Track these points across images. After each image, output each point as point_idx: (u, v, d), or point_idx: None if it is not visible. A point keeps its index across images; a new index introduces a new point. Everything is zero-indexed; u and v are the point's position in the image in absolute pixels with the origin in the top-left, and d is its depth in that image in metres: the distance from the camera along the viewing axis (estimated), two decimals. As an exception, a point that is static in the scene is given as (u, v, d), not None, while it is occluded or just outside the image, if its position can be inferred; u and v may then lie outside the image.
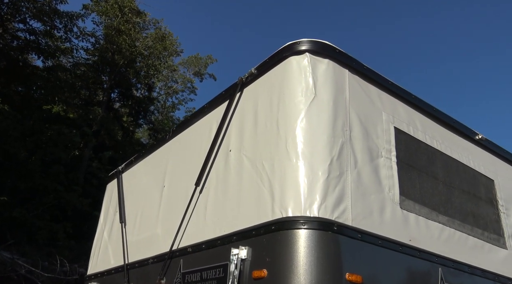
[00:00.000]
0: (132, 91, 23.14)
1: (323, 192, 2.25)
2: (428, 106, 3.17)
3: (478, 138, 3.46)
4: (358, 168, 2.47)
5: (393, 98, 2.95)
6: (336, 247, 2.17)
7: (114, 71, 20.27)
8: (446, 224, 2.82)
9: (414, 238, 2.57)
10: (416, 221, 2.64)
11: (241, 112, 2.94)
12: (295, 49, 2.63)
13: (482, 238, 3.03)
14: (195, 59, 28.74)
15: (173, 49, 24.74)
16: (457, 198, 3.04)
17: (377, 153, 2.64)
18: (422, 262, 2.53)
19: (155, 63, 22.52)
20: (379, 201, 2.49)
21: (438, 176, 2.98)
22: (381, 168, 2.61)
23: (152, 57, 22.28)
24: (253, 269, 2.24)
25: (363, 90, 2.76)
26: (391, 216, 2.51)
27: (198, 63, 28.84)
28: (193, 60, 28.78)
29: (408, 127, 2.94)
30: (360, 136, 2.58)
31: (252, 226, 2.40)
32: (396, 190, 2.62)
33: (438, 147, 3.09)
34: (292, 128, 2.44)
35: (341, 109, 2.54)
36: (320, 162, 2.33)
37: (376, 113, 2.77)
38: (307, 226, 2.16)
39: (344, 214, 2.28)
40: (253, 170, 2.60)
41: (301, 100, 2.49)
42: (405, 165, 2.78)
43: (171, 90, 28.89)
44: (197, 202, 3.01)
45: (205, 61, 28.47)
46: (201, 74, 28.42)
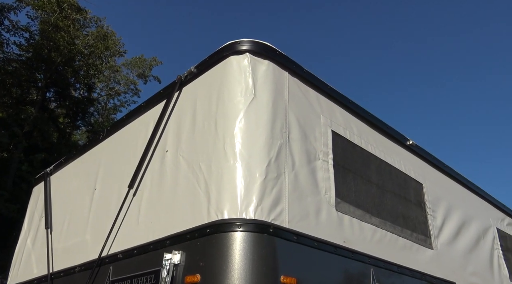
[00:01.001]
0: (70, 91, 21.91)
1: (260, 194, 2.22)
2: (364, 111, 3.27)
3: (409, 144, 3.64)
4: (295, 170, 2.47)
5: (331, 102, 3.00)
6: (272, 249, 2.14)
7: (50, 69, 19.07)
8: (378, 225, 2.91)
9: (348, 240, 2.62)
10: (350, 223, 2.70)
11: (179, 111, 2.84)
12: (235, 48, 2.59)
13: (411, 239, 3.17)
14: (139, 60, 27.83)
15: (116, 49, 23.80)
16: (389, 200, 3.15)
17: (315, 155, 2.67)
18: (355, 263, 2.57)
19: (96, 63, 21.52)
20: (315, 203, 2.51)
21: (372, 179, 3.08)
22: (318, 171, 2.64)
23: (92, 57, 21.28)
24: (186, 274, 2.15)
25: (302, 93, 2.79)
26: (326, 218, 2.53)
27: (143, 64, 27.95)
28: (137, 62, 27.85)
29: (345, 130, 3.00)
30: (298, 138, 2.59)
31: (187, 229, 2.30)
32: (332, 192, 2.66)
33: (373, 151, 3.20)
34: (231, 129, 2.38)
35: (280, 111, 2.53)
36: (258, 163, 2.29)
37: (314, 116, 2.80)
38: (242, 228, 2.11)
39: (281, 216, 2.26)
40: (189, 171, 2.51)
41: (240, 101, 2.45)
42: (341, 168, 2.84)
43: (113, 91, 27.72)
44: (130, 205, 2.84)
45: (149, 63, 27.67)
46: (145, 76, 27.55)
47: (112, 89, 27.72)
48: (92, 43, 21.02)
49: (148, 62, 27.90)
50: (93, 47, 20.94)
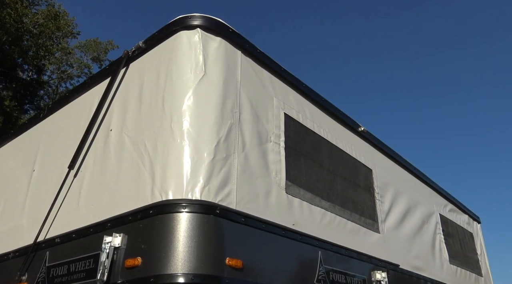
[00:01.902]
0: (18, 72, 20.55)
1: (208, 174, 2.14)
2: (317, 96, 3.27)
3: (361, 130, 3.70)
4: (245, 151, 2.41)
5: (284, 85, 2.97)
6: (218, 231, 2.07)
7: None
8: (328, 209, 2.93)
9: (298, 223, 2.61)
10: (300, 206, 2.69)
11: (125, 88, 2.69)
12: (186, 23, 2.47)
13: (359, 223, 3.23)
14: (94, 43, 26.51)
15: (68, 30, 22.53)
16: (339, 185, 3.19)
17: (266, 137, 2.62)
18: (303, 246, 2.57)
19: (46, 44, 20.27)
20: (265, 185, 2.47)
21: (323, 164, 3.09)
22: (269, 153, 2.60)
23: (43, 37, 20.00)
24: (127, 257, 2.04)
25: (256, 73, 2.72)
26: (276, 201, 2.51)
27: (98, 48, 26.66)
28: (91, 44, 26.51)
29: (297, 114, 2.98)
30: (249, 119, 2.53)
31: (129, 211, 2.18)
32: (282, 175, 2.63)
33: (325, 135, 3.21)
34: (178, 106, 2.28)
35: (231, 90, 2.46)
36: (206, 143, 2.21)
37: (267, 98, 2.75)
38: (188, 209, 2.03)
39: (229, 197, 2.20)
40: (134, 150, 2.38)
41: (189, 78, 2.35)
42: (293, 151, 2.82)
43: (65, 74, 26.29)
44: (70, 187, 2.67)
45: (105, 47, 26.42)
46: (100, 60, 26.30)
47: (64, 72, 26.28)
48: (42, 23, 19.77)
49: (103, 45, 26.66)
50: (43, 27, 19.70)
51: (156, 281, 1.87)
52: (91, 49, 26.72)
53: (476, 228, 5.74)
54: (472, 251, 5.29)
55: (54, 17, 20.44)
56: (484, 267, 5.46)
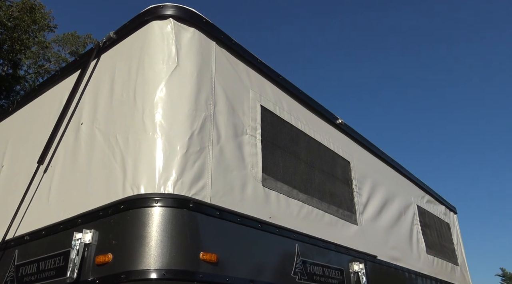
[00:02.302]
0: (-8, 67, 19.94)
1: (181, 167, 2.09)
2: (294, 88, 3.25)
3: (339, 123, 3.70)
4: (220, 144, 2.37)
5: (261, 77, 2.93)
6: (192, 225, 2.03)
7: (-33, 41, 17.14)
8: (305, 202, 2.92)
9: (274, 216, 2.59)
10: (277, 198, 2.67)
11: (96, 80, 2.61)
12: (158, 13, 2.40)
13: (337, 215, 3.23)
14: (71, 37, 25.88)
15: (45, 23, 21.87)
16: (317, 177, 3.18)
17: (242, 130, 2.59)
18: (280, 239, 2.56)
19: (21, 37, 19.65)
20: (241, 178, 2.44)
21: (300, 156, 3.07)
22: (245, 145, 2.57)
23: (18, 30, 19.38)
24: (97, 254, 1.98)
25: (231, 65, 2.68)
26: (252, 194, 2.48)
27: (76, 41, 26.05)
28: (69, 38, 25.88)
29: (274, 106, 2.96)
30: (225, 112, 2.49)
31: (100, 206, 2.12)
32: (259, 168, 2.60)
33: (302, 128, 3.20)
34: (150, 99, 2.22)
35: (205, 82, 2.41)
36: (179, 135, 2.16)
37: (243, 90, 2.71)
38: (160, 203, 1.98)
39: (203, 191, 2.16)
40: (105, 144, 2.31)
41: (162, 69, 2.29)
42: (270, 144, 2.79)
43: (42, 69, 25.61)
44: (40, 183, 2.59)
45: (83, 41, 25.82)
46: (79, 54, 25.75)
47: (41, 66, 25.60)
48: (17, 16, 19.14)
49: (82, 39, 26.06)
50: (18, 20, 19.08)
51: (127, 277, 1.83)
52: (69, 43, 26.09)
53: (453, 219, 5.86)
54: (449, 241, 5.40)
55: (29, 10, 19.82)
56: (460, 256, 5.58)
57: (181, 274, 1.88)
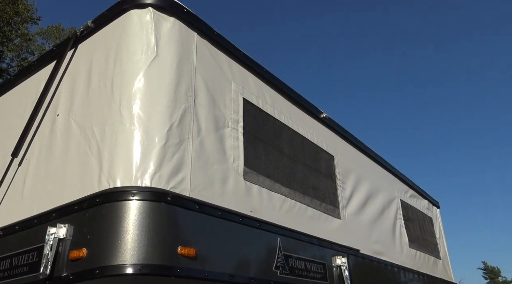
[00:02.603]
0: (-26, 59, 19.41)
1: (159, 160, 2.04)
2: (278, 81, 3.21)
3: (323, 117, 3.68)
4: (201, 137, 2.33)
5: (243, 69, 2.89)
6: (170, 219, 1.99)
7: None
8: (288, 195, 2.90)
9: (256, 209, 2.56)
10: (259, 192, 2.64)
11: (73, 71, 2.53)
12: (137, 1, 2.33)
13: (320, 209, 3.22)
14: (56, 29, 25.31)
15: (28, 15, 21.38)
16: (300, 171, 3.16)
17: (224, 122, 2.54)
18: (262, 233, 2.53)
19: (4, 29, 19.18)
20: (222, 171, 2.40)
21: (283, 150, 3.05)
22: (227, 138, 2.52)
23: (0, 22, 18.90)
24: (72, 249, 1.92)
25: (213, 57, 2.63)
26: (233, 187, 2.44)
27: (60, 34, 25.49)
28: (53, 31, 25.31)
29: (257, 99, 2.92)
30: (206, 104, 2.44)
31: (75, 200, 2.06)
32: (240, 161, 2.57)
33: (286, 121, 3.17)
34: (128, 89, 2.16)
35: (186, 73, 2.35)
36: (157, 127, 2.11)
37: (225, 82, 2.66)
38: (137, 197, 1.93)
39: (182, 184, 2.11)
40: (82, 136, 2.24)
41: (140, 59, 2.22)
42: (252, 137, 2.75)
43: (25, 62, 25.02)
44: (14, 176, 2.50)
45: (68, 33, 25.34)
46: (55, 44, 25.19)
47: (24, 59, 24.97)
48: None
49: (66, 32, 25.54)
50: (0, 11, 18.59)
51: (101, 272, 1.77)
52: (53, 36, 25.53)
53: (436, 213, 5.93)
54: (431, 235, 5.46)
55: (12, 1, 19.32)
56: (442, 250, 5.66)
57: (158, 269, 1.83)
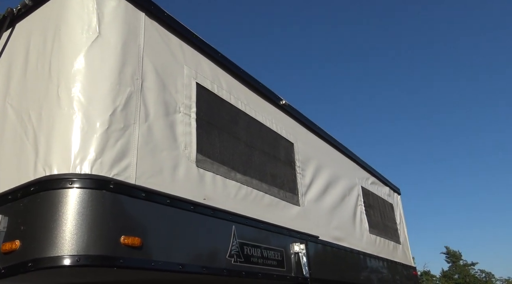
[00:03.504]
0: None
1: (100, 146, 1.93)
2: (235, 67, 3.13)
3: (282, 104, 3.64)
4: (149, 122, 2.23)
5: (197, 53, 2.79)
6: (112, 208, 1.89)
7: None
8: (244, 183, 2.85)
9: (209, 197, 2.50)
10: (213, 180, 2.57)
11: (9, 52, 2.36)
12: (77, -22, 2.18)
13: (278, 196, 3.20)
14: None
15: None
16: (257, 158, 3.12)
17: (175, 108, 2.45)
18: (215, 221, 2.47)
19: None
20: (172, 158, 2.31)
21: (240, 137, 2.99)
22: (178, 124, 2.43)
23: None
24: (5, 241, 1.79)
25: (163, 39, 2.51)
26: (185, 175, 2.36)
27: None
28: None
29: (212, 84, 2.83)
30: (155, 88, 2.33)
31: (9, 189, 1.92)
32: (193, 148, 2.49)
33: (243, 108, 3.10)
34: (67, 71, 2.02)
35: (132, 55, 2.23)
36: (99, 112, 1.99)
37: (176, 66, 2.56)
38: (75, 185, 1.82)
39: (127, 171, 2.01)
40: (17, 121, 2.10)
41: (80, 39, 2.09)
42: (206, 123, 2.67)
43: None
44: None
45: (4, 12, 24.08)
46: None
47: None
48: None
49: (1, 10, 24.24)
50: None
51: (35, 265, 1.66)
52: None
53: (396, 199, 6.07)
54: (392, 221, 5.58)
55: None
56: (403, 235, 5.81)
57: (97, 260, 1.74)
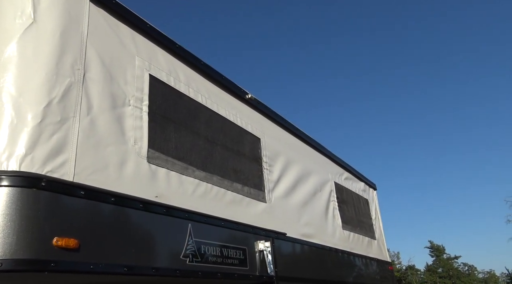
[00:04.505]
0: None
1: (31, 140, 1.79)
2: (196, 59, 3.00)
3: (248, 98, 3.52)
4: (92, 115, 2.08)
5: (152, 44, 2.65)
6: (44, 207, 1.75)
7: None
8: (203, 179, 2.72)
9: (163, 195, 2.37)
10: (167, 176, 2.44)
11: None
12: (11, -40, 2.02)
13: (242, 193, 3.08)
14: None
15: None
16: (219, 154, 3.00)
17: (124, 100, 2.31)
18: (168, 219, 2.34)
19: None
20: (119, 154, 2.17)
21: (200, 132, 2.86)
22: (127, 118, 2.30)
23: None
24: None
25: (111, 28, 2.37)
26: (134, 171, 2.23)
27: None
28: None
29: (168, 77, 2.70)
30: (100, 79, 2.19)
31: None
32: (144, 143, 2.35)
33: (204, 102, 2.98)
34: None
35: (73, 44, 2.09)
36: (31, 104, 1.84)
37: (126, 57, 2.42)
38: (1, 183, 1.67)
39: (63, 167, 1.87)
40: None
41: (13, 25, 1.94)
42: (160, 117, 2.54)
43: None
44: None
45: None
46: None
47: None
48: None
49: None
50: None
51: None
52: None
53: (372, 195, 6.02)
54: (367, 216, 5.53)
55: None
56: (378, 231, 5.76)
57: (23, 264, 1.60)
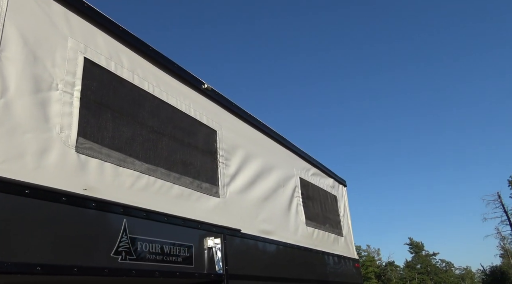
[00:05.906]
0: None
1: None
2: (143, 45, 2.83)
3: (204, 88, 3.36)
4: (6, 99, 1.90)
5: (90, 25, 2.47)
6: None
7: None
8: (145, 172, 2.56)
9: (93, 187, 2.20)
10: (100, 168, 2.27)
11: None
12: None
13: (191, 187, 2.93)
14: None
15: None
16: (166, 146, 2.83)
17: (50, 84, 2.13)
18: (98, 214, 2.18)
19: None
20: (40, 142, 1.99)
21: (144, 121, 2.69)
22: (53, 103, 2.11)
23: None
24: None
25: (38, 5, 2.18)
26: (58, 161, 2.05)
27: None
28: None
29: (108, 61, 2.52)
30: (20, 59, 2.00)
31: None
32: (73, 131, 2.17)
33: (150, 90, 2.80)
34: None
35: (-13, 20, 1.89)
36: None
37: (56, 37, 2.23)
38: None
39: (-34, 155, 1.68)
40: None
41: None
42: (95, 104, 2.36)
43: None
44: None
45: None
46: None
47: None
48: None
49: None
50: None
51: None
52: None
53: (341, 191, 5.93)
54: (334, 213, 5.44)
55: None
56: (346, 227, 5.68)
57: None
